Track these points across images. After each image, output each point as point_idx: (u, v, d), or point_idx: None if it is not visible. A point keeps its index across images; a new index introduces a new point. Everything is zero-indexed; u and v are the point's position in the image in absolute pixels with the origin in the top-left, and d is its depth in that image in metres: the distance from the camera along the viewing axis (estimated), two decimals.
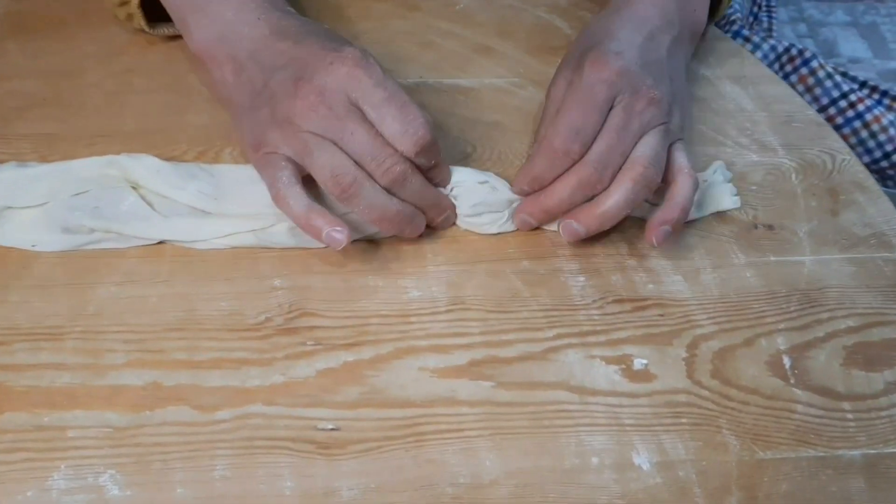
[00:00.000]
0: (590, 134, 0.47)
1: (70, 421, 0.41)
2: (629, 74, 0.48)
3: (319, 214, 0.45)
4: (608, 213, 0.47)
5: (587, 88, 0.48)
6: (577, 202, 0.48)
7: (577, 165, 0.47)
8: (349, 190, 0.45)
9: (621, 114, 0.47)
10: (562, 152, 0.47)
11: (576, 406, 0.44)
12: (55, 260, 0.47)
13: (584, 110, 0.47)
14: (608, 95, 0.47)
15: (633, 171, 0.47)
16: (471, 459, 0.42)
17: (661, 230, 0.48)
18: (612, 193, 0.47)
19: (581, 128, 0.47)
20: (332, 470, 0.41)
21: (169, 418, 0.42)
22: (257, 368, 0.44)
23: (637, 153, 0.47)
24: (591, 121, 0.47)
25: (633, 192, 0.47)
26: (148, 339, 0.44)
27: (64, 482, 0.39)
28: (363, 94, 0.45)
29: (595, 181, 0.47)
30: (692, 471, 0.42)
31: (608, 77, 0.48)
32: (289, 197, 0.45)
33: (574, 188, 0.47)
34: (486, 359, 0.45)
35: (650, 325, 0.47)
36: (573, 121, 0.47)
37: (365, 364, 0.44)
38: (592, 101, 0.47)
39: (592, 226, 0.48)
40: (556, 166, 0.48)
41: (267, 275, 0.48)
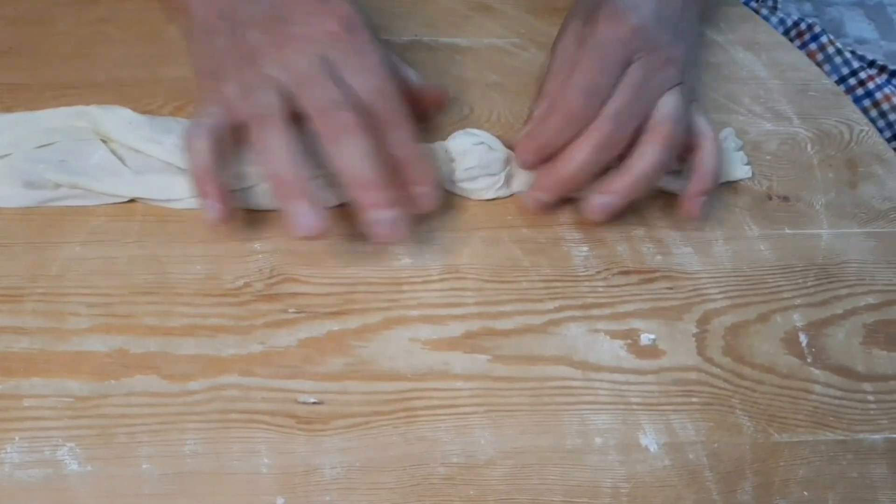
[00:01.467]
0: (605, 93, 0.43)
1: (27, 389, 0.38)
2: (645, 31, 0.44)
3: (210, 179, 0.40)
4: (642, 178, 0.43)
5: (602, 47, 0.44)
6: (597, 168, 0.44)
7: (594, 124, 0.43)
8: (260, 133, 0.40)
9: (639, 71, 0.44)
10: (576, 114, 0.43)
11: (578, 382, 0.41)
12: (16, 216, 0.43)
13: (600, 69, 0.43)
14: (623, 55, 0.44)
15: (660, 131, 0.43)
16: (465, 437, 0.38)
17: (697, 202, 0.45)
18: (641, 157, 0.43)
19: (597, 86, 0.43)
20: (314, 447, 0.37)
21: (136, 388, 0.38)
22: (234, 336, 0.40)
23: (661, 112, 0.44)
24: (607, 81, 0.43)
25: (665, 153, 0.43)
26: (115, 303, 0.41)
27: (18, 455, 0.36)
28: (342, 57, 0.41)
29: (616, 138, 0.43)
30: (703, 453, 0.39)
31: (624, 35, 0.44)
32: (195, 148, 0.41)
33: (593, 149, 0.43)
34: (482, 331, 0.42)
35: (658, 298, 0.44)
36: (588, 79, 0.43)
37: (351, 334, 0.41)
38: (606, 61, 0.44)
39: (627, 194, 0.44)
40: (569, 129, 0.43)
41: (247, 237, 0.44)
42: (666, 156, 0.44)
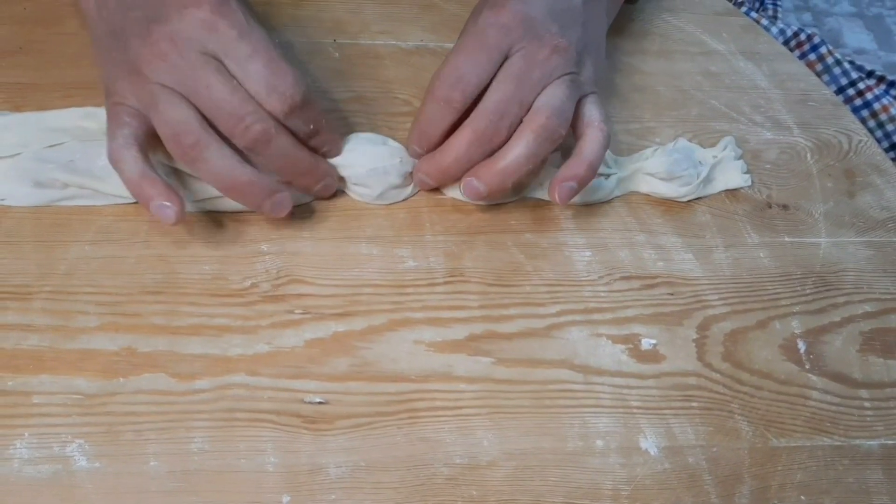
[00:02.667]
0: (475, 80, 0.43)
1: (36, 386, 0.38)
2: (531, 21, 0.43)
3: (152, 183, 0.40)
4: (509, 167, 0.43)
5: (479, 32, 0.43)
6: (476, 158, 0.44)
7: (472, 116, 0.43)
8: (191, 152, 0.39)
9: (520, 62, 0.43)
10: (442, 101, 0.43)
11: (580, 386, 0.41)
12: (25, 215, 0.44)
13: (470, 55, 0.43)
14: (501, 41, 0.43)
15: (535, 122, 0.42)
16: (468, 438, 0.39)
17: (564, 186, 0.44)
18: (512, 147, 0.43)
19: (464, 74, 0.42)
20: (319, 446, 0.38)
21: (144, 386, 0.39)
22: (241, 336, 0.41)
23: (538, 104, 0.43)
24: (478, 67, 0.43)
25: (535, 145, 0.42)
26: (123, 302, 0.41)
27: (27, 451, 0.36)
28: (223, 46, 0.40)
29: (491, 133, 0.42)
30: (702, 457, 0.40)
31: (505, 21, 0.43)
32: (122, 159, 0.40)
33: (470, 142, 0.43)
34: (486, 334, 0.42)
35: (659, 303, 0.45)
36: (456, 67, 0.43)
37: (356, 335, 0.42)
38: (481, 45, 0.43)
39: (494, 183, 0.43)
40: (440, 118, 0.43)
41: (253, 238, 0.44)
42: (535, 147, 0.43)
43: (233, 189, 0.41)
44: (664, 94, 0.55)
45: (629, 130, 0.53)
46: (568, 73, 0.44)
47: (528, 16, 0.44)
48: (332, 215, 0.46)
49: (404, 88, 0.53)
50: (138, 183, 0.40)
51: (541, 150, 0.43)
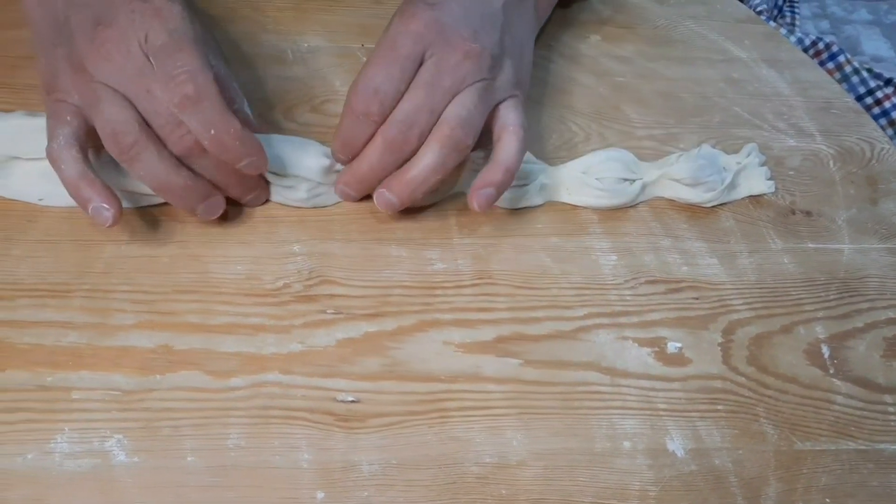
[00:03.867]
0: (390, 91, 0.42)
1: (75, 382, 0.39)
2: (441, 26, 0.43)
3: (90, 184, 0.40)
4: (416, 178, 0.43)
5: (390, 41, 0.43)
6: (389, 167, 0.44)
7: (383, 126, 0.43)
8: (128, 152, 0.40)
9: (431, 69, 0.43)
10: (361, 113, 0.43)
11: (607, 388, 0.42)
12: (62, 215, 0.45)
13: (384, 66, 0.43)
14: (413, 50, 0.43)
15: (441, 132, 0.42)
16: (497, 438, 0.40)
17: (482, 193, 0.44)
18: (420, 158, 0.43)
19: (380, 85, 0.42)
20: (352, 444, 0.39)
21: (180, 383, 0.39)
22: (274, 335, 0.42)
23: (446, 114, 0.43)
24: (393, 77, 0.43)
25: (441, 156, 0.42)
26: (159, 301, 0.42)
27: (67, 445, 0.37)
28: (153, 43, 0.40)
29: (401, 142, 0.43)
30: (728, 459, 0.40)
31: (415, 29, 0.43)
32: (62, 159, 0.40)
33: (382, 151, 0.43)
34: (514, 335, 0.43)
35: (684, 307, 0.45)
36: (372, 78, 0.43)
37: (387, 335, 0.42)
38: (394, 55, 0.43)
39: (404, 194, 0.43)
40: (360, 129, 0.43)
41: (285, 239, 0.45)
42: (442, 158, 0.43)
43: (166, 191, 0.42)
44: (687, 100, 0.56)
45: (653, 136, 0.53)
46: (480, 80, 0.44)
47: (440, 22, 0.43)
48: (362, 217, 0.47)
49: None
50: (76, 184, 0.40)
51: (447, 161, 0.43)
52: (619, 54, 0.58)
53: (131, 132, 0.40)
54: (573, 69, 0.57)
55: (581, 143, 0.52)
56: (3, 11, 0.54)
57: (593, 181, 0.48)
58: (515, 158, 0.44)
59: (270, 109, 0.51)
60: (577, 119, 0.53)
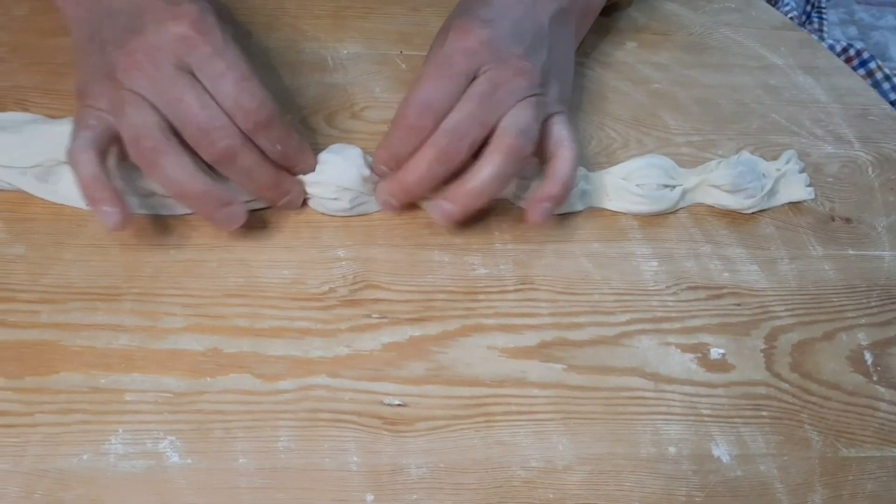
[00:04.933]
0: (444, 106, 0.43)
1: (128, 384, 0.39)
2: (495, 43, 0.44)
3: (102, 187, 0.40)
4: (478, 188, 0.43)
5: (446, 58, 0.44)
6: (438, 177, 0.44)
7: (433, 136, 0.43)
8: (148, 155, 0.40)
9: (485, 83, 0.43)
10: (414, 127, 0.43)
11: (651, 393, 0.42)
12: None
13: (439, 81, 0.43)
14: (468, 66, 0.43)
15: (502, 142, 0.43)
16: (543, 443, 0.40)
17: (541, 208, 0.44)
18: (481, 167, 0.43)
19: (433, 100, 0.43)
20: (400, 447, 0.39)
21: (230, 386, 0.40)
22: (321, 339, 0.42)
23: (504, 124, 0.43)
24: (447, 92, 0.43)
25: (504, 165, 0.43)
26: (207, 304, 0.43)
27: (122, 447, 0.38)
28: (198, 61, 0.41)
29: (453, 152, 0.43)
30: (773, 465, 0.40)
31: (470, 46, 0.43)
32: (79, 161, 0.41)
33: (431, 160, 0.43)
34: (557, 341, 0.43)
35: (726, 314, 0.45)
36: (426, 92, 0.43)
37: (431, 340, 0.43)
38: (449, 71, 0.43)
39: (465, 203, 0.44)
40: (411, 141, 0.44)
41: (330, 244, 0.46)
42: (504, 168, 0.43)
43: (184, 196, 0.42)
44: (725, 107, 0.56)
45: (691, 143, 0.53)
46: (533, 95, 0.44)
47: (493, 39, 0.44)
48: (404, 223, 0.47)
49: None
50: (89, 185, 0.41)
51: (509, 170, 0.43)
52: (655, 61, 0.58)
53: (152, 136, 0.40)
54: (611, 76, 0.57)
55: (620, 149, 0.52)
56: (49, 19, 0.55)
57: (634, 187, 0.48)
58: (571, 173, 0.45)
59: (313, 115, 0.51)
60: (616, 125, 0.54)
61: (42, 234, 0.44)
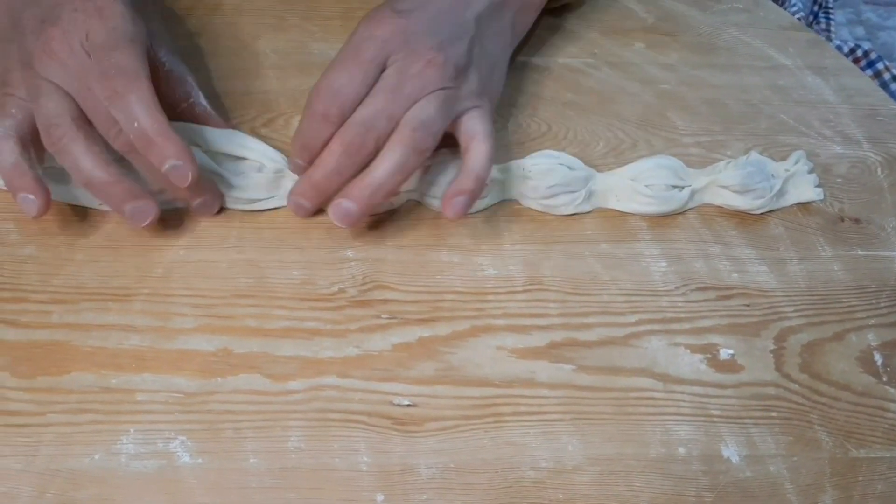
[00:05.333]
0: (351, 95, 0.43)
1: (139, 384, 0.40)
2: (406, 34, 0.44)
3: (22, 174, 0.41)
4: (376, 181, 0.43)
5: (355, 45, 0.44)
6: (345, 173, 0.44)
7: (341, 129, 0.43)
8: (58, 143, 0.40)
9: (393, 75, 0.43)
10: (320, 115, 0.43)
11: (660, 394, 0.42)
12: (121, 220, 0.45)
13: (347, 68, 0.43)
14: (377, 54, 0.43)
15: (402, 134, 0.43)
16: (552, 443, 0.40)
17: (455, 202, 0.44)
18: (381, 160, 0.43)
19: (340, 87, 0.43)
20: (410, 447, 0.39)
21: (241, 386, 0.40)
22: (330, 339, 0.42)
23: (407, 117, 0.43)
24: (355, 80, 0.43)
25: (403, 158, 0.43)
26: (217, 305, 0.43)
27: (133, 446, 0.38)
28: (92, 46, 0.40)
29: (358, 145, 0.43)
30: (783, 466, 0.40)
31: (380, 34, 0.44)
32: (0, 150, 0.41)
33: (338, 155, 0.43)
34: (566, 341, 0.43)
35: (736, 314, 0.45)
36: (333, 80, 0.43)
37: (441, 340, 0.43)
38: (357, 58, 0.43)
39: (364, 198, 0.43)
40: (319, 131, 0.43)
41: (339, 245, 0.46)
42: (403, 160, 0.43)
43: (90, 185, 0.42)
44: (733, 107, 0.56)
45: (700, 143, 0.53)
46: (443, 88, 0.44)
47: (406, 29, 0.44)
48: (413, 224, 0.47)
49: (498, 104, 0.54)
50: (9, 173, 0.41)
51: (409, 163, 0.43)
52: (663, 62, 0.58)
53: (62, 125, 0.40)
54: (618, 77, 0.57)
55: (628, 149, 0.52)
56: None
57: (642, 188, 0.48)
58: (485, 166, 0.45)
59: None
60: (624, 126, 0.54)
61: (53, 236, 0.45)
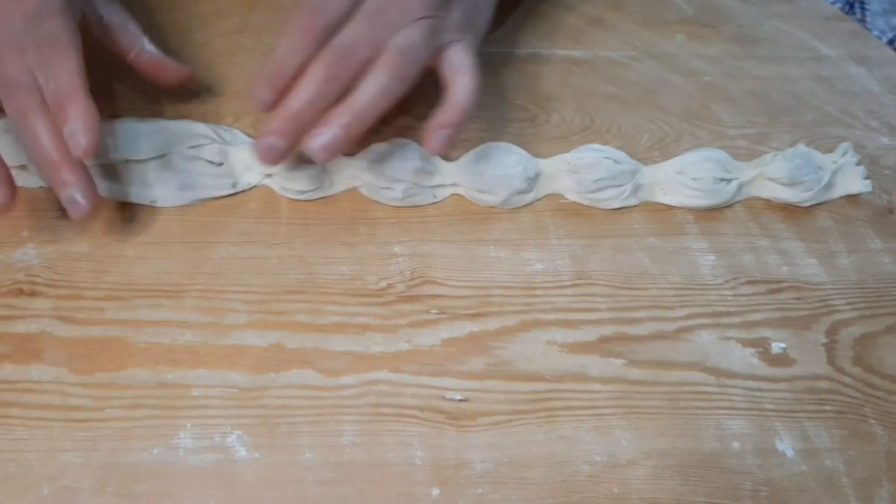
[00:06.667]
0: (335, 11, 0.42)
1: (194, 379, 0.40)
2: None
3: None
4: (360, 105, 0.41)
5: None
6: (327, 99, 0.42)
7: (321, 53, 0.42)
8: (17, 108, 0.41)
9: (374, 1, 0.42)
10: (300, 30, 0.42)
11: (713, 388, 0.42)
12: (171, 217, 0.46)
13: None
14: None
15: (385, 58, 0.42)
16: (605, 438, 0.40)
17: (438, 135, 0.43)
18: (364, 85, 0.42)
19: (326, 4, 0.42)
20: (463, 441, 0.39)
21: (294, 381, 0.40)
22: (381, 335, 0.42)
23: (391, 42, 0.42)
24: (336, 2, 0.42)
25: (386, 82, 0.42)
26: (269, 301, 0.43)
27: (191, 441, 0.38)
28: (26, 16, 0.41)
29: (339, 68, 0.41)
30: (839, 460, 0.40)
31: None
32: None
33: (319, 80, 0.41)
34: (616, 336, 0.43)
35: (786, 308, 0.45)
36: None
37: (490, 335, 0.43)
38: None
39: (346, 126, 0.41)
40: (297, 50, 0.42)
41: (386, 240, 0.46)
42: (386, 84, 0.42)
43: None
44: (777, 99, 0.55)
45: (745, 135, 0.53)
46: (427, 17, 0.43)
47: None
48: (459, 219, 0.48)
49: (521, 95, 0.54)
50: None
51: (392, 88, 0.42)
52: (705, 53, 0.58)
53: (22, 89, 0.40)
54: (661, 69, 0.57)
55: (673, 142, 0.52)
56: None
57: (689, 181, 0.48)
58: (470, 98, 0.43)
59: None
60: (668, 119, 0.53)
61: (104, 233, 0.45)
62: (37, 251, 0.44)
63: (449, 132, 0.43)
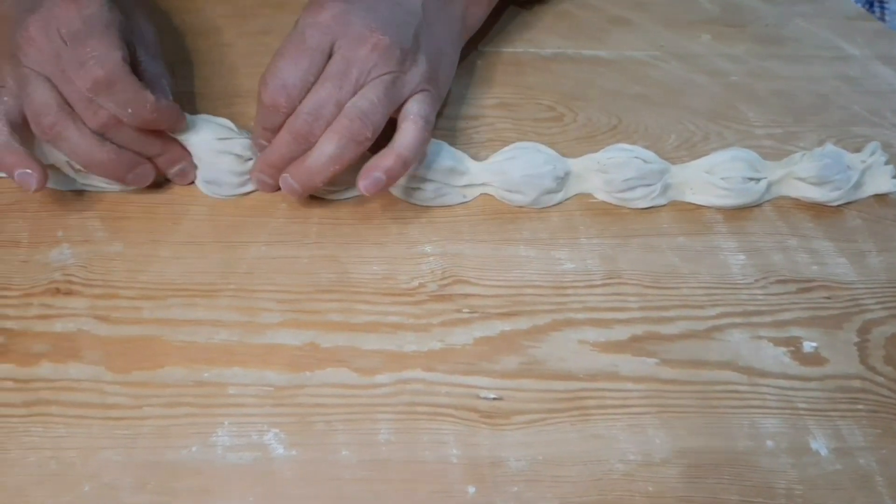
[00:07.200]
0: (298, 84, 0.43)
1: (230, 378, 0.40)
2: (348, 18, 0.43)
3: (13, 153, 0.42)
4: (313, 167, 0.43)
5: (299, 33, 0.44)
6: (297, 156, 0.44)
7: (291, 118, 0.43)
8: (49, 131, 0.42)
9: (340, 62, 0.43)
10: (269, 106, 0.43)
11: (745, 387, 0.42)
12: (202, 217, 0.46)
13: (293, 58, 0.43)
14: (321, 41, 0.43)
15: (339, 123, 0.43)
16: (639, 437, 0.40)
17: (370, 176, 0.43)
18: (318, 147, 0.43)
19: (287, 78, 0.43)
20: (498, 440, 0.39)
21: (329, 379, 0.41)
22: (413, 334, 0.43)
23: (348, 106, 0.43)
24: (301, 69, 0.43)
25: (338, 147, 0.43)
26: (302, 300, 0.43)
27: (228, 438, 0.38)
28: (67, 31, 0.41)
29: (306, 133, 0.43)
30: (872, 459, 0.40)
31: (323, 20, 0.43)
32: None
33: (289, 141, 0.44)
34: (647, 335, 0.43)
35: (817, 307, 0.45)
36: (279, 70, 0.43)
37: (522, 334, 0.43)
38: (302, 47, 0.43)
39: (303, 181, 0.44)
40: (271, 119, 0.44)
41: (417, 240, 0.46)
42: (339, 149, 0.43)
43: (92, 165, 0.44)
44: (804, 98, 0.56)
45: (772, 135, 0.53)
46: (388, 73, 0.44)
47: (348, 14, 0.44)
48: (488, 219, 0.48)
49: (546, 94, 0.54)
50: (1, 153, 0.42)
51: (345, 152, 0.43)
52: (730, 53, 0.58)
53: (50, 113, 0.42)
54: (686, 69, 0.57)
55: (700, 142, 0.52)
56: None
57: (718, 181, 0.48)
58: (411, 147, 0.44)
59: None
60: (695, 119, 0.54)
61: (138, 233, 0.45)
62: (72, 251, 0.44)
63: (381, 176, 0.44)
